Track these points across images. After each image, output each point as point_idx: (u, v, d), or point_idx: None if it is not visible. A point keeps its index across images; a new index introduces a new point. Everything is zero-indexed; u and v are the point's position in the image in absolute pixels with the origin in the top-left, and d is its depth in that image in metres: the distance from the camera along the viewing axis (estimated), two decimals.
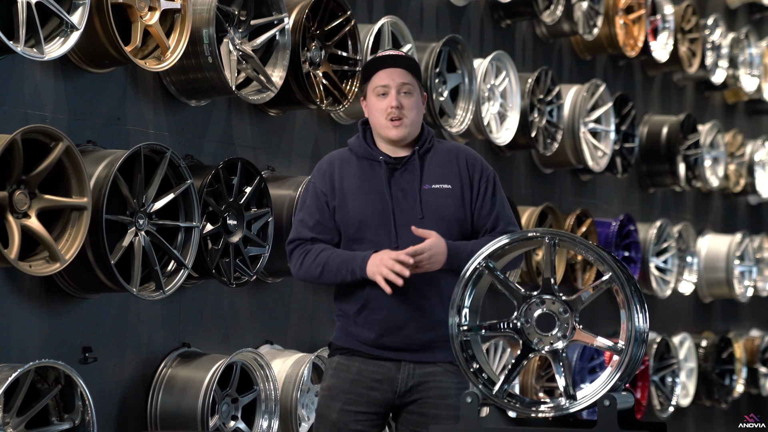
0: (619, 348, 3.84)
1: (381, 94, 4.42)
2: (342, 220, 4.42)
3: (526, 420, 3.94)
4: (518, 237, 3.97)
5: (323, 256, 4.39)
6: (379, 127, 4.44)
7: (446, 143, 4.55)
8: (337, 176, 4.44)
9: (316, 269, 4.40)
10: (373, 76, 4.44)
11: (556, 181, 8.93)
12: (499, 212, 4.47)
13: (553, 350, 3.90)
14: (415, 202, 4.38)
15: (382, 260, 4.26)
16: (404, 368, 4.40)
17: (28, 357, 4.96)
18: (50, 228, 4.91)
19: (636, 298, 3.86)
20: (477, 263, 3.95)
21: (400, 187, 4.41)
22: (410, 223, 4.35)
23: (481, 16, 8.13)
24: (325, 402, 4.45)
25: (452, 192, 4.42)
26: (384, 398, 4.40)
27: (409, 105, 4.41)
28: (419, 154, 4.45)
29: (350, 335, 4.44)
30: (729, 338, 10.72)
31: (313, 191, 4.48)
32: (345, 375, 4.42)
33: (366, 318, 4.39)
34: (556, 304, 3.91)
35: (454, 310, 3.97)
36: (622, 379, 3.85)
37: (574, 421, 3.93)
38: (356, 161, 4.47)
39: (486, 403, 3.93)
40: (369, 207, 4.38)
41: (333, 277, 4.38)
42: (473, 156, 4.51)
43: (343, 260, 4.36)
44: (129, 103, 5.57)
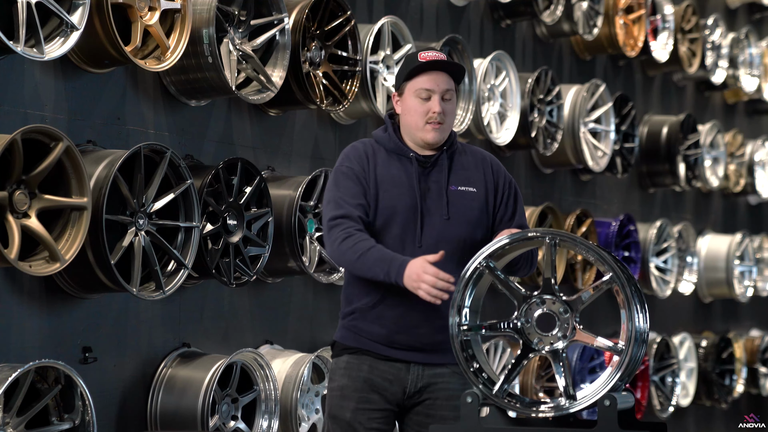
0: (619, 348, 3.84)
1: (423, 97, 4.39)
2: (371, 209, 4.38)
3: (526, 420, 3.94)
4: (518, 237, 3.97)
5: (363, 245, 4.26)
6: (415, 128, 4.41)
7: (471, 147, 4.57)
8: (371, 163, 4.41)
9: (353, 255, 4.26)
10: (417, 76, 4.40)
11: (556, 181, 8.93)
12: (520, 217, 4.50)
13: (554, 350, 3.90)
14: (441, 202, 4.39)
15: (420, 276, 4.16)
16: (413, 370, 4.39)
17: (28, 357, 4.96)
18: (50, 228, 4.91)
19: (636, 299, 3.86)
20: (477, 263, 3.95)
21: (427, 186, 4.41)
22: (435, 223, 4.36)
23: (481, 16, 8.13)
24: (337, 402, 4.40)
25: (477, 196, 4.44)
26: (395, 397, 4.40)
27: (450, 111, 4.42)
28: (448, 155, 4.46)
29: (359, 333, 4.40)
30: (729, 338, 10.71)
31: (350, 173, 4.38)
32: (356, 374, 4.39)
33: (380, 313, 4.36)
34: (556, 304, 3.91)
35: (454, 310, 3.97)
36: (622, 379, 3.85)
37: (574, 421, 3.93)
38: (385, 154, 4.44)
39: (486, 403, 3.93)
40: (399, 200, 4.37)
41: (366, 269, 4.26)
42: (497, 163, 4.54)
43: (382, 257, 4.24)
44: (129, 103, 5.57)
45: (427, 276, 4.16)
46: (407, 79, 4.42)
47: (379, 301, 4.37)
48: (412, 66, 4.42)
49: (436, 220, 4.37)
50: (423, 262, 4.19)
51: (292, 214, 6.01)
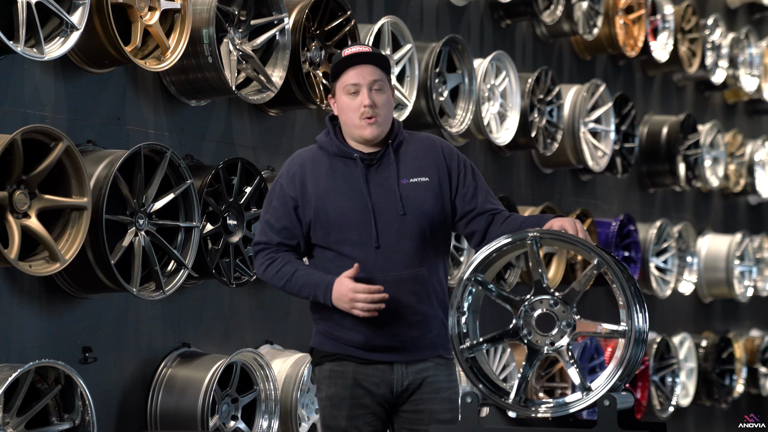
0: (622, 330, 3.83)
1: (352, 93, 4.30)
2: (321, 225, 4.31)
3: (526, 420, 3.94)
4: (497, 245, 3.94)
5: (286, 271, 4.31)
6: (352, 127, 4.32)
7: (418, 134, 4.46)
8: (309, 179, 4.33)
9: (279, 281, 4.33)
10: (343, 74, 4.32)
11: (556, 181, 8.93)
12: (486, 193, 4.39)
13: (559, 348, 3.90)
14: (394, 199, 4.30)
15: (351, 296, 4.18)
16: (397, 369, 4.36)
17: (28, 357, 4.96)
18: (50, 228, 4.91)
19: (636, 298, 3.86)
20: (465, 279, 3.93)
21: (377, 184, 4.32)
22: (391, 220, 4.29)
23: (481, 16, 8.13)
24: (329, 412, 4.37)
25: (430, 185, 4.34)
26: (384, 399, 4.39)
27: (381, 102, 4.30)
28: (393, 148, 4.36)
29: (337, 339, 4.35)
30: (729, 338, 10.71)
31: (281, 194, 4.36)
32: (342, 381, 4.35)
33: (355, 320, 4.29)
34: (552, 302, 3.91)
35: (454, 311, 3.96)
36: (622, 379, 3.85)
37: (574, 421, 3.93)
38: (327, 159, 4.36)
39: (486, 403, 3.93)
40: (349, 207, 4.29)
41: (295, 293, 4.32)
42: (448, 146, 4.43)
43: (306, 282, 4.27)
44: (129, 103, 5.57)
45: (358, 295, 4.18)
46: (335, 79, 4.36)
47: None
48: (336, 65, 4.35)
49: (392, 217, 4.29)
50: (348, 281, 4.19)
51: None
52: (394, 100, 4.44)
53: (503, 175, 8.32)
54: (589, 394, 3.83)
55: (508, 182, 8.35)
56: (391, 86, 4.39)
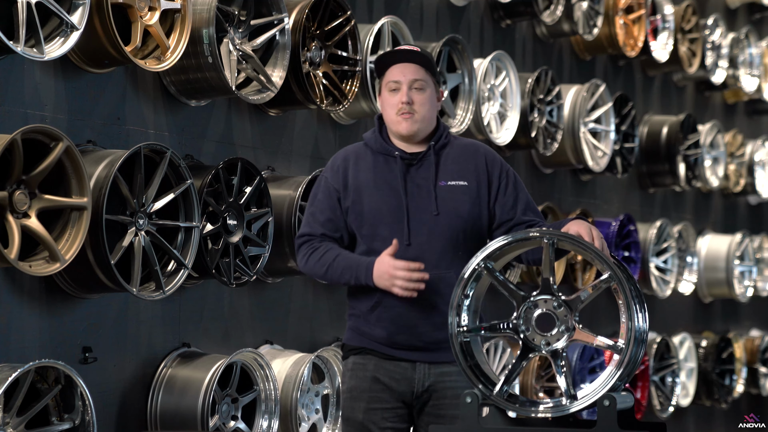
0: (619, 347, 3.84)
1: (393, 90, 4.40)
2: (356, 217, 4.40)
3: (526, 420, 3.94)
4: (518, 237, 3.97)
5: (328, 257, 4.38)
6: (390, 122, 4.43)
7: (463, 140, 4.53)
8: (351, 172, 4.43)
9: (321, 268, 4.40)
10: (386, 71, 4.43)
11: (556, 181, 8.93)
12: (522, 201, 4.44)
13: (553, 350, 3.90)
14: (429, 199, 4.36)
15: (392, 273, 4.25)
16: (420, 368, 4.39)
17: (28, 357, 4.96)
18: (50, 228, 4.91)
19: (636, 298, 3.86)
20: (476, 264, 3.95)
21: (415, 183, 4.39)
22: (424, 220, 4.34)
23: (481, 16, 8.13)
24: (349, 404, 4.43)
25: (468, 189, 4.40)
26: (403, 396, 4.40)
27: (421, 100, 4.39)
28: (435, 150, 4.43)
29: (363, 335, 4.43)
30: (729, 338, 10.71)
31: (325, 186, 4.47)
32: (363, 374, 4.41)
33: (379, 315, 4.37)
34: (555, 304, 3.91)
35: (453, 311, 3.97)
36: (621, 379, 3.86)
37: (574, 421, 3.93)
38: (371, 156, 4.45)
39: (486, 403, 3.93)
40: (383, 203, 4.37)
41: (337, 278, 4.39)
42: (492, 154, 4.50)
43: (348, 265, 4.35)
44: (129, 103, 5.57)
45: (398, 272, 4.24)
46: (379, 76, 4.47)
47: (377, 304, 4.38)
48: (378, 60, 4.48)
49: (426, 217, 4.35)
50: (388, 259, 4.26)
51: (292, 214, 6.01)
52: (441, 101, 4.52)
53: None
54: (573, 402, 3.83)
55: None
56: (437, 88, 4.48)
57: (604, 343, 3.87)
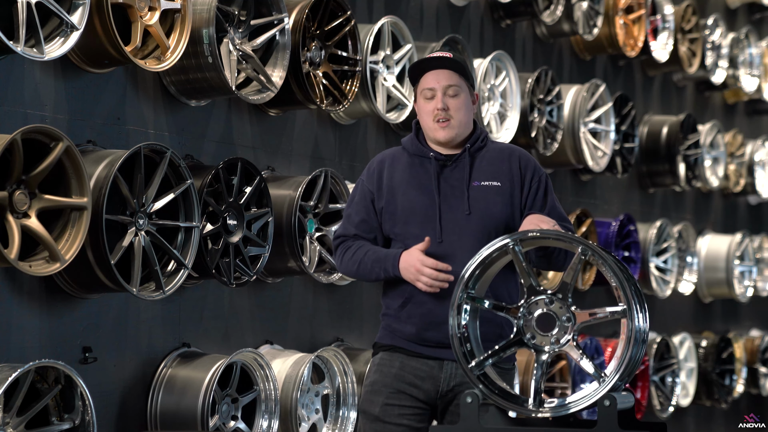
0: (621, 309, 3.83)
1: (428, 98, 4.46)
2: (389, 217, 4.46)
3: (526, 420, 3.94)
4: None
5: (360, 254, 4.46)
6: (427, 129, 4.49)
7: (500, 143, 4.59)
8: (386, 174, 4.50)
9: (353, 266, 4.48)
10: (421, 78, 4.49)
11: (556, 181, 8.93)
12: (551, 209, 4.48)
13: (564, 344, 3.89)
14: (462, 199, 4.41)
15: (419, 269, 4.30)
16: (447, 367, 4.42)
17: (28, 357, 4.96)
18: (50, 228, 4.91)
19: (636, 298, 3.86)
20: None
21: (449, 184, 4.44)
22: (456, 219, 4.39)
23: (481, 16, 8.13)
24: (368, 398, 4.47)
25: (501, 190, 4.44)
26: (427, 395, 4.42)
27: (456, 106, 4.45)
28: (470, 152, 4.48)
29: (394, 332, 4.47)
30: (729, 338, 10.71)
31: (361, 189, 4.54)
32: (388, 370, 4.45)
33: (409, 312, 4.42)
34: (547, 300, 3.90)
35: (454, 311, 3.96)
36: (622, 379, 3.85)
37: (574, 421, 3.93)
38: (407, 158, 4.51)
39: (486, 403, 3.93)
40: (416, 202, 4.42)
41: (368, 274, 4.46)
42: (527, 156, 4.54)
43: (377, 258, 4.42)
44: (129, 103, 5.57)
45: (425, 269, 4.29)
46: (414, 84, 4.53)
47: (407, 301, 4.43)
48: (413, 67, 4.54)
49: (458, 216, 4.40)
50: (418, 253, 4.31)
51: (292, 214, 6.01)
52: (476, 105, 4.56)
53: None
54: (604, 381, 3.82)
55: None
56: (472, 91, 4.52)
57: (606, 312, 3.87)
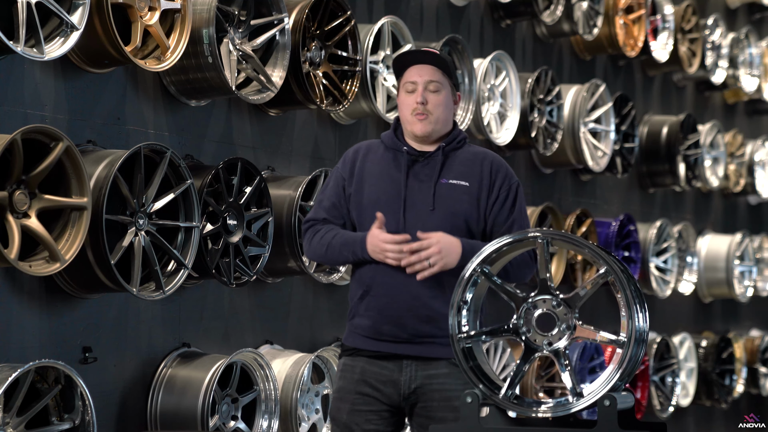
0: (621, 341, 3.83)
1: (409, 91, 4.48)
2: (356, 205, 4.48)
3: (526, 420, 3.94)
4: (512, 240, 3.96)
5: (328, 237, 4.47)
6: (405, 122, 4.51)
7: (477, 147, 4.59)
8: (359, 163, 4.52)
9: (321, 249, 4.49)
10: (405, 72, 4.51)
11: (556, 181, 8.93)
12: (515, 220, 4.47)
13: (556, 349, 3.90)
14: (428, 194, 4.41)
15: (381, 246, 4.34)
16: (406, 369, 4.40)
17: (28, 357, 4.96)
18: (50, 228, 4.91)
19: (636, 298, 3.86)
20: (472, 269, 3.95)
21: (417, 179, 4.45)
22: (420, 214, 4.39)
23: (481, 16, 8.13)
24: (335, 404, 4.49)
25: (469, 190, 4.45)
26: (390, 399, 4.41)
27: (436, 102, 4.46)
28: (444, 151, 4.48)
29: (356, 328, 4.47)
30: (729, 338, 10.71)
31: (334, 175, 4.58)
32: (350, 376, 4.45)
33: (368, 304, 4.43)
34: (554, 303, 3.91)
35: (454, 310, 3.97)
36: (622, 379, 3.85)
37: (574, 421, 3.93)
38: (383, 151, 4.54)
39: (486, 403, 3.93)
40: (383, 192, 4.44)
41: (336, 256, 4.47)
42: (500, 162, 4.54)
43: (345, 241, 4.44)
44: (129, 103, 5.57)
45: (386, 245, 4.33)
46: (398, 77, 4.55)
47: (366, 293, 4.44)
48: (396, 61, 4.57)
49: (421, 211, 4.40)
50: (377, 232, 4.35)
51: (292, 214, 6.01)
52: (458, 105, 4.56)
53: None
54: (580, 399, 3.83)
55: None
56: (454, 91, 4.54)
57: (606, 338, 3.87)
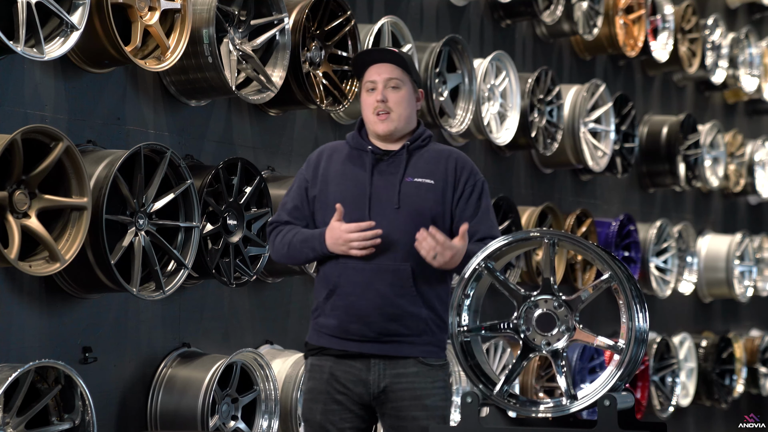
0: (619, 347, 3.84)
1: (370, 90, 4.47)
2: (321, 206, 4.46)
3: (526, 420, 3.94)
4: (518, 237, 3.97)
5: (289, 236, 4.47)
6: (368, 122, 4.49)
7: (442, 145, 4.57)
8: (323, 164, 4.51)
9: (284, 248, 4.48)
10: (365, 72, 4.50)
11: (556, 181, 8.93)
12: (482, 218, 4.46)
13: (554, 350, 3.90)
14: (393, 193, 4.40)
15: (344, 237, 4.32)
16: (374, 368, 4.38)
17: (28, 357, 4.96)
18: (50, 228, 4.91)
19: (636, 298, 3.86)
20: (477, 264, 3.95)
21: (383, 178, 4.43)
22: (385, 212, 4.37)
23: (481, 16, 8.13)
24: (308, 405, 4.46)
25: (434, 188, 4.43)
26: (361, 398, 4.40)
27: (396, 100, 4.44)
28: (409, 149, 4.47)
29: (321, 328, 4.46)
30: (729, 338, 10.72)
31: (298, 178, 4.57)
32: (320, 375, 4.44)
33: (334, 304, 4.42)
34: (556, 304, 3.91)
35: (454, 311, 3.97)
36: (622, 379, 3.86)
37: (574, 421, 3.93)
38: (347, 151, 4.52)
39: (486, 403, 3.93)
40: (348, 192, 4.42)
41: (298, 255, 4.46)
42: (465, 160, 4.52)
43: (304, 238, 4.43)
44: (129, 103, 5.57)
45: (349, 235, 4.32)
46: (359, 78, 4.54)
47: (332, 292, 4.43)
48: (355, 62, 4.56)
49: (387, 209, 4.39)
50: (338, 224, 4.34)
51: None
52: (420, 101, 4.56)
53: (503, 175, 8.32)
54: (574, 402, 3.83)
55: (508, 182, 8.35)
56: (416, 88, 4.53)
57: (604, 344, 3.88)
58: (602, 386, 3.84)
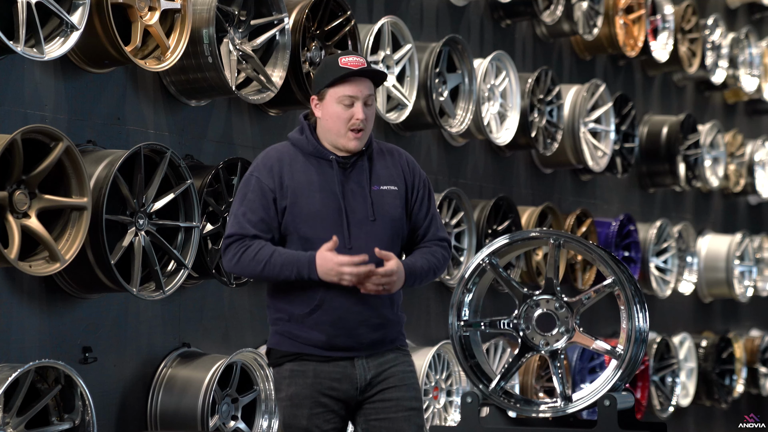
0: (617, 353, 3.84)
1: (346, 104, 4.33)
2: (293, 218, 4.34)
3: (526, 420, 3.94)
4: (523, 236, 3.97)
5: (264, 254, 4.30)
6: (336, 135, 4.35)
7: (386, 144, 4.52)
8: (286, 173, 4.36)
9: (257, 266, 4.29)
10: (340, 83, 4.32)
11: (556, 181, 8.93)
12: (434, 216, 4.47)
13: (552, 350, 3.90)
14: (366, 204, 4.36)
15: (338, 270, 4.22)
16: (359, 363, 4.38)
17: (28, 357, 4.96)
18: (50, 228, 4.91)
19: (636, 298, 3.86)
20: (481, 259, 3.95)
21: (350, 188, 4.37)
22: (362, 224, 4.33)
23: (481, 16, 8.13)
24: (291, 412, 4.37)
25: (398, 194, 4.41)
26: (347, 394, 4.39)
27: (370, 116, 4.37)
28: (367, 155, 4.42)
29: (296, 338, 4.36)
30: (729, 338, 10.71)
31: (257, 186, 4.35)
32: (303, 381, 4.35)
33: (317, 319, 4.33)
34: (557, 304, 3.91)
35: (454, 310, 3.97)
36: (622, 379, 3.86)
37: (574, 421, 3.93)
38: (303, 157, 4.39)
39: (486, 403, 3.93)
40: (323, 205, 4.34)
41: (276, 274, 4.29)
42: (410, 158, 4.52)
43: (286, 261, 4.28)
44: (129, 103, 5.57)
45: (344, 268, 4.22)
46: (329, 85, 4.34)
47: (317, 308, 4.33)
48: (334, 72, 4.33)
49: (363, 221, 4.34)
50: (331, 255, 4.23)
51: None
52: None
53: (503, 175, 8.32)
54: (569, 403, 3.84)
55: (508, 182, 8.35)
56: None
57: (602, 348, 3.88)
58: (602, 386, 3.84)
